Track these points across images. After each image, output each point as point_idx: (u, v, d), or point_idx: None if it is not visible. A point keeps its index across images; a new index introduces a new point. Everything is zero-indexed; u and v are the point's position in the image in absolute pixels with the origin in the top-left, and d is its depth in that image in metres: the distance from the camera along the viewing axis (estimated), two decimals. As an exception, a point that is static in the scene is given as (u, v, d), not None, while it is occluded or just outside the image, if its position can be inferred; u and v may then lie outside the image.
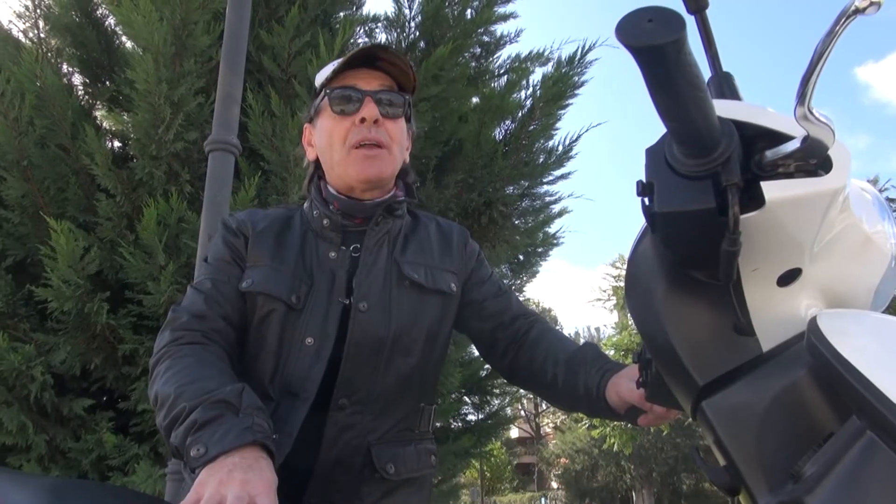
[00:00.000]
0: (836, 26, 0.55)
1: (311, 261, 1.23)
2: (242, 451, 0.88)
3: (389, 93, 1.24)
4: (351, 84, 1.23)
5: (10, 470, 0.99)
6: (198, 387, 0.98)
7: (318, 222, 1.26)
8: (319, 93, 1.29)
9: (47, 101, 3.20)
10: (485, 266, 1.41)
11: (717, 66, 0.86)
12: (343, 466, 1.13)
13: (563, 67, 4.11)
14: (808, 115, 0.58)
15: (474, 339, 1.41)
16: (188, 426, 0.92)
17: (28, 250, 3.23)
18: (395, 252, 1.26)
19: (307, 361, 1.15)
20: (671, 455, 23.54)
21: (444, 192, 3.84)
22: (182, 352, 1.08)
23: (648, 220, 0.71)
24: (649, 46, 0.55)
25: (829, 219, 0.67)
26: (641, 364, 0.95)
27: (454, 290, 1.30)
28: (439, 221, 1.41)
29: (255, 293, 1.18)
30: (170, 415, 0.97)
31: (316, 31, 3.43)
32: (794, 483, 0.59)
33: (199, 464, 0.87)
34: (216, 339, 1.14)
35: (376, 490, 1.16)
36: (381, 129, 1.22)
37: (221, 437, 0.89)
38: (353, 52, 1.22)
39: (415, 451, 1.23)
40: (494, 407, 5.06)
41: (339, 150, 1.23)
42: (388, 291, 1.22)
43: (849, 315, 0.69)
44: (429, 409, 1.28)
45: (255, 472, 0.85)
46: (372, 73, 1.24)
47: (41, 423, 2.99)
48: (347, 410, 1.15)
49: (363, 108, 1.21)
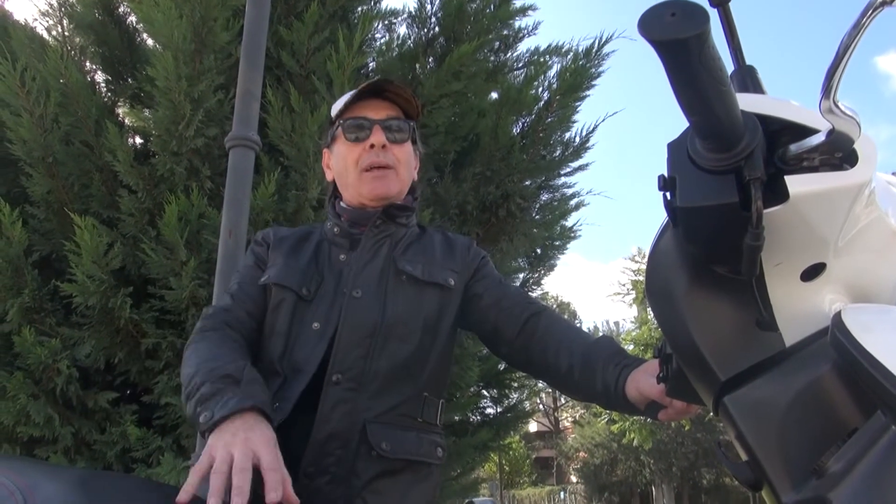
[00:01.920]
0: (863, 18, 0.54)
1: (324, 263, 1.38)
2: (243, 415, 1.02)
3: (396, 121, 1.40)
4: (361, 115, 1.39)
5: (40, 461, 1.01)
6: (210, 365, 1.14)
7: (331, 231, 1.43)
8: (334, 122, 1.45)
9: (71, 98, 3.23)
10: (490, 266, 1.49)
11: (741, 60, 0.85)
12: (338, 440, 1.20)
13: (581, 60, 4.08)
14: (834, 108, 0.58)
15: (477, 331, 1.44)
16: (198, 398, 1.08)
17: (53, 246, 3.27)
18: (395, 252, 1.38)
19: (312, 342, 1.28)
20: (691, 450, 23.39)
21: (461, 185, 3.84)
22: (204, 337, 1.25)
23: (670, 215, 0.70)
24: (673, 40, 0.55)
25: (855, 213, 0.66)
26: (662, 359, 0.94)
27: (452, 284, 1.38)
28: (447, 233, 1.52)
29: (270, 284, 1.35)
30: (187, 390, 1.13)
31: (335, 27, 3.43)
32: (818, 479, 0.59)
33: (206, 427, 1.02)
34: (235, 326, 1.30)
35: (372, 468, 1.20)
36: (389, 154, 1.38)
37: (224, 404, 1.03)
38: (363, 86, 1.37)
39: (416, 438, 1.27)
40: (513, 401, 5.07)
41: (353, 173, 1.39)
42: (385, 284, 1.33)
43: (874, 310, 0.69)
44: (434, 401, 1.32)
45: (256, 431, 1.00)
46: (380, 103, 1.41)
47: (67, 416, 3.04)
48: (342, 386, 1.23)
49: (372, 135, 1.37)
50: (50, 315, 3.16)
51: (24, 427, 2.93)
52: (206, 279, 2.98)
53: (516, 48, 4.55)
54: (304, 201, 3.19)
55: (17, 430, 2.95)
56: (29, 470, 0.83)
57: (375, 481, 1.20)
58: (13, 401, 2.89)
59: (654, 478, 25.03)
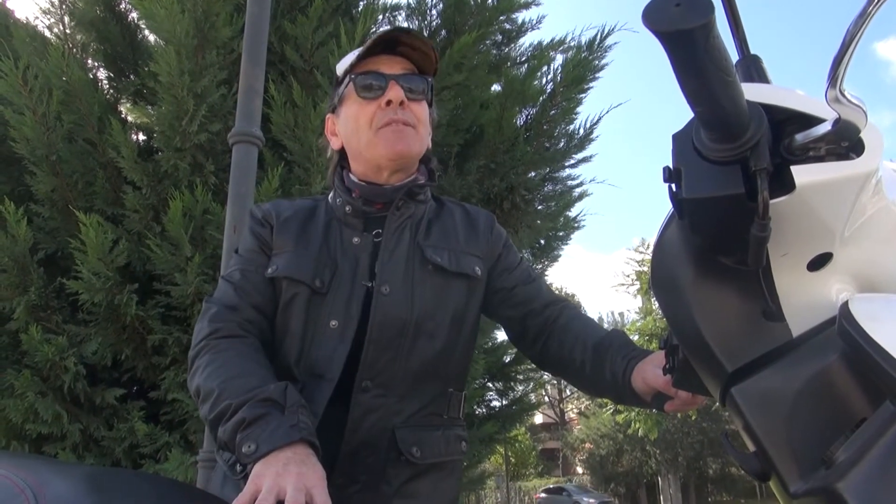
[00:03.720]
0: (869, 6, 0.54)
1: (336, 247, 1.25)
2: (293, 447, 0.92)
3: (412, 76, 1.26)
4: (374, 69, 1.25)
5: (50, 458, 1.02)
6: (241, 383, 1.02)
7: (340, 210, 1.29)
8: (342, 80, 1.30)
9: (74, 96, 3.24)
10: (513, 252, 1.40)
11: (745, 49, 0.85)
12: (368, 448, 1.15)
13: (584, 52, 4.07)
14: (840, 97, 0.57)
15: (505, 326, 1.41)
16: (236, 423, 0.96)
17: (59, 243, 3.28)
18: (419, 236, 1.27)
19: (331, 343, 1.17)
20: (697, 440, 23.42)
21: (466, 178, 3.84)
22: (221, 345, 1.12)
23: (676, 207, 0.70)
24: (677, 31, 0.55)
25: (861, 202, 0.66)
26: (668, 350, 0.94)
27: (479, 274, 1.29)
28: (466, 207, 1.41)
29: (280, 278, 1.21)
30: (215, 409, 1.01)
31: (338, 22, 3.43)
32: (826, 469, 0.59)
33: (250, 460, 0.92)
34: (251, 331, 1.17)
35: (403, 473, 1.17)
36: (407, 111, 1.24)
37: (271, 434, 0.93)
38: (375, 38, 1.23)
39: (443, 437, 1.23)
40: (518, 393, 5.08)
41: (367, 133, 1.24)
42: (411, 275, 1.23)
43: (881, 299, 0.69)
44: (458, 395, 1.29)
45: (309, 466, 0.90)
46: (393, 58, 1.26)
47: (75, 413, 3.06)
48: (371, 392, 1.16)
49: (388, 91, 1.23)
50: (56, 313, 3.18)
51: (33, 424, 2.95)
52: (212, 275, 2.99)
53: (521, 42, 4.54)
54: (307, 196, 3.19)
55: (25, 427, 2.97)
56: (39, 467, 0.83)
57: (405, 485, 1.17)
58: (21, 398, 2.92)
59: (660, 468, 25.08)
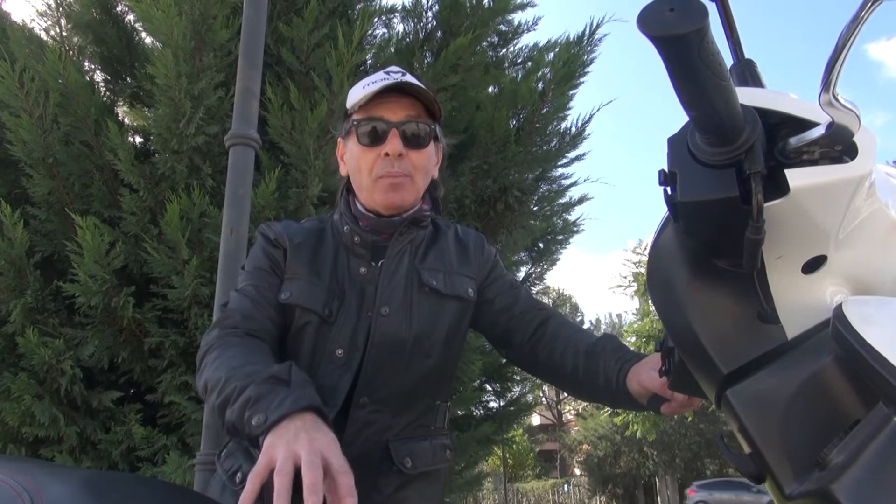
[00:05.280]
0: (862, 11, 0.55)
1: (344, 276, 1.28)
2: (302, 414, 0.91)
3: (416, 123, 1.27)
4: (378, 115, 1.26)
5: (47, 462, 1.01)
6: (247, 370, 1.02)
7: (349, 238, 1.31)
8: (349, 115, 1.31)
9: (71, 98, 3.24)
10: (499, 267, 1.45)
11: (740, 53, 0.85)
12: (362, 460, 1.16)
13: (573, 47, 4.06)
14: (833, 101, 0.58)
15: (487, 333, 1.43)
16: (244, 402, 0.96)
17: (55, 246, 3.28)
18: (416, 260, 1.32)
19: (337, 372, 1.21)
20: (694, 441, 23.44)
21: (459, 179, 3.84)
22: (231, 342, 1.13)
23: (671, 210, 0.70)
24: (672, 36, 0.55)
25: (855, 205, 0.66)
26: (664, 353, 0.95)
27: (471, 296, 1.34)
28: (458, 229, 1.45)
29: (293, 305, 1.23)
30: (222, 395, 1.01)
31: (335, 24, 3.43)
32: (821, 471, 0.59)
33: (260, 430, 0.90)
34: (263, 337, 1.19)
35: (393, 482, 1.21)
36: (405, 162, 1.26)
37: (279, 404, 0.92)
38: (382, 87, 1.23)
39: (430, 446, 1.28)
40: (515, 394, 5.07)
41: (367, 179, 1.27)
42: (410, 297, 1.27)
43: (875, 302, 0.69)
44: (444, 406, 1.33)
45: (321, 431, 0.89)
46: (400, 100, 1.27)
47: (72, 416, 3.06)
48: (368, 409, 1.20)
49: (388, 142, 1.24)
50: (53, 315, 3.17)
51: (30, 427, 2.95)
52: (209, 277, 2.99)
53: (516, 43, 4.54)
54: (304, 199, 3.19)
55: (22, 430, 2.97)
56: (36, 471, 0.83)
57: (395, 494, 1.21)
58: (18, 401, 2.91)
59: (657, 469, 25.09)
